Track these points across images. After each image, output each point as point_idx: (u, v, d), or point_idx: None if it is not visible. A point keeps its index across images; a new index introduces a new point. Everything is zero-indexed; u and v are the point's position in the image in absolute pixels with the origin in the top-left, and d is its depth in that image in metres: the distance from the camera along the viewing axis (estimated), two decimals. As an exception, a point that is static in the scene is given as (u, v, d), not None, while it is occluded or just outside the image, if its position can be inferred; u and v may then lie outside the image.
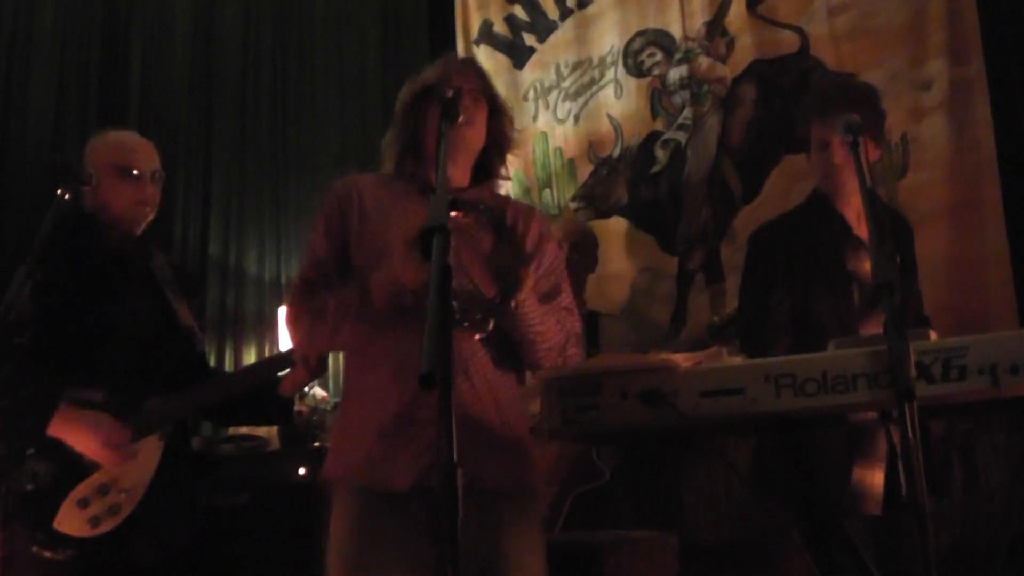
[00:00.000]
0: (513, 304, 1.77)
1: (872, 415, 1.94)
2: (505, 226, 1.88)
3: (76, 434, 2.29)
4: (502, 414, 1.86)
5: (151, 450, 2.37)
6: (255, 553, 3.35)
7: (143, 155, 2.52)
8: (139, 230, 2.54)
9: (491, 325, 1.81)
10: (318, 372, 2.43)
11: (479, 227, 1.90)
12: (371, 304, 1.78)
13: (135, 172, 2.47)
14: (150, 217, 2.54)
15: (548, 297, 1.94)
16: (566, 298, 1.97)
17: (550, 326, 1.86)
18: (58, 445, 2.31)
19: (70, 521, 2.25)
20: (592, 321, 3.43)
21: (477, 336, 1.81)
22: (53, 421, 2.28)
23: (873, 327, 2.27)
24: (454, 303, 1.80)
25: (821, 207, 2.42)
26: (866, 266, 2.27)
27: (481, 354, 1.86)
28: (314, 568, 2.07)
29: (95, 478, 2.30)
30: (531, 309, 1.81)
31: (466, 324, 1.80)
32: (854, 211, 2.37)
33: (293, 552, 3.28)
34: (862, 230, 2.35)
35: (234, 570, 3.30)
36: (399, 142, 2.00)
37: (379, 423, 1.81)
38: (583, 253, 3.52)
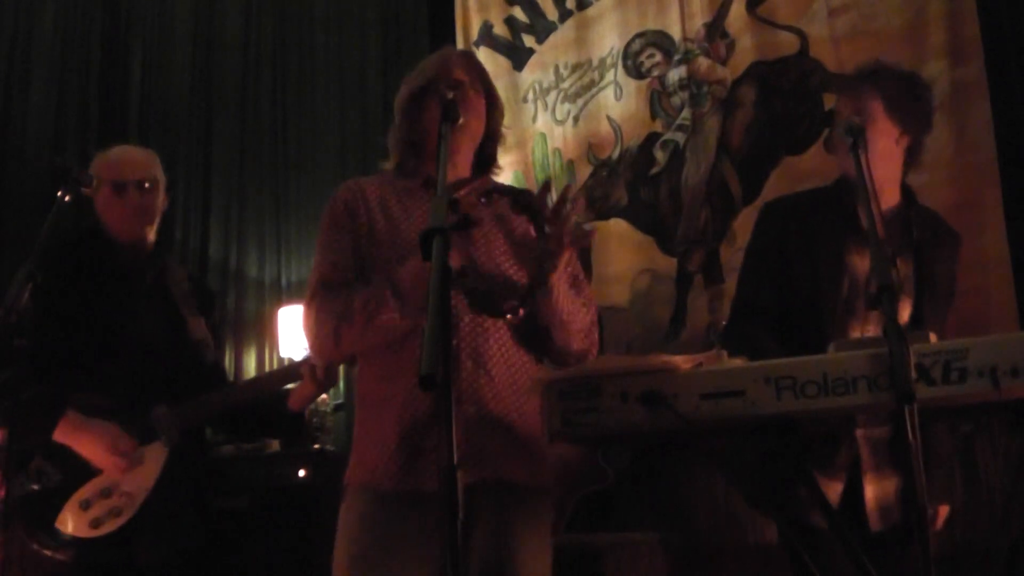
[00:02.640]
0: (549, 285, 1.80)
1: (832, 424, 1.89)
2: (537, 210, 1.89)
3: (83, 441, 2.31)
4: (520, 407, 1.86)
5: (155, 457, 2.38)
6: (255, 555, 3.35)
7: (128, 166, 2.54)
8: (146, 241, 2.55)
9: (522, 312, 1.83)
10: (326, 385, 2.40)
11: (509, 211, 1.91)
12: (403, 294, 1.77)
13: (122, 184, 2.49)
14: (149, 227, 2.54)
15: (571, 288, 1.95)
16: (585, 288, 1.98)
17: (578, 307, 1.90)
18: (64, 447, 2.31)
19: (72, 522, 2.26)
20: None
21: (508, 317, 1.83)
22: (60, 427, 2.29)
23: (858, 328, 2.21)
24: (480, 291, 1.83)
25: (839, 192, 2.26)
26: (866, 264, 2.16)
27: (501, 344, 1.85)
28: (314, 570, 2.06)
29: (98, 480, 2.32)
30: (563, 291, 1.84)
31: (500, 313, 1.82)
32: (879, 205, 2.11)
33: (293, 554, 3.28)
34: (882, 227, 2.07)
35: (234, 572, 3.31)
36: (400, 139, 2.00)
37: (402, 428, 1.80)
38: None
